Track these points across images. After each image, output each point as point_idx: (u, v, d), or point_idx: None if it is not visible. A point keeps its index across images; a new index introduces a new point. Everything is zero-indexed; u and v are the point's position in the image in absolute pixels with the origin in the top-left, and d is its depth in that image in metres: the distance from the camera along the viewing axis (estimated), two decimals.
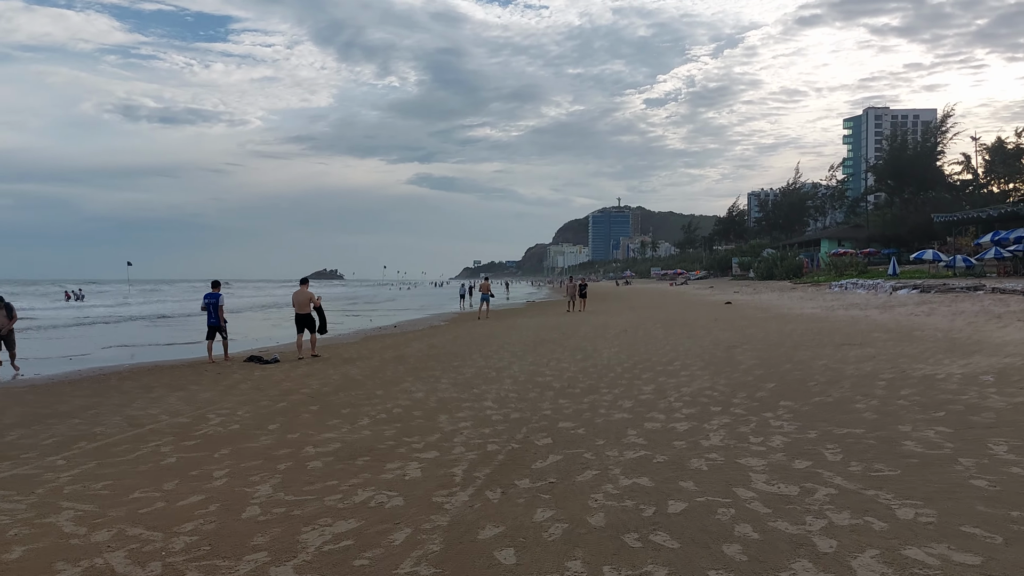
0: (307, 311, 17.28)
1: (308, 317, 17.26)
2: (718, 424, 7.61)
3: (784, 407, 8.39)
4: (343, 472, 6.38)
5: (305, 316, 17.26)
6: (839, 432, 6.97)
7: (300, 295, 17.49)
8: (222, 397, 11.30)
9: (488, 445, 7.15)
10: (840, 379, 10.31)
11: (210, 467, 6.80)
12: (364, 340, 22.44)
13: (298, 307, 17.42)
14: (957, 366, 10.96)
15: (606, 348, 16.51)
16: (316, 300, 17.51)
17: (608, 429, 7.62)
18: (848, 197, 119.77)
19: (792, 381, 10.33)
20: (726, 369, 11.93)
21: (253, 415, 9.54)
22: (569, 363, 13.89)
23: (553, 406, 9.17)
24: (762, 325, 21.30)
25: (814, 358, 12.83)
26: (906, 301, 27.52)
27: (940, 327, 17.43)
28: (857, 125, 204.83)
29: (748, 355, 13.79)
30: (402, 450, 7.12)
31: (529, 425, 8.03)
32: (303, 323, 17.27)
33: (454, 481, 5.91)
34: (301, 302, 17.38)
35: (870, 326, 19.02)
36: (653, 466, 6.06)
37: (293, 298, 17.78)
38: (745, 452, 6.38)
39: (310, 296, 17.47)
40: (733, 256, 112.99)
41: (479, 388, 11.03)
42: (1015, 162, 78.62)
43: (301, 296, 17.46)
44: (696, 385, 10.39)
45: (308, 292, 17.56)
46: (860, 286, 40.27)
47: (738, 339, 17.21)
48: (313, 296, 17.54)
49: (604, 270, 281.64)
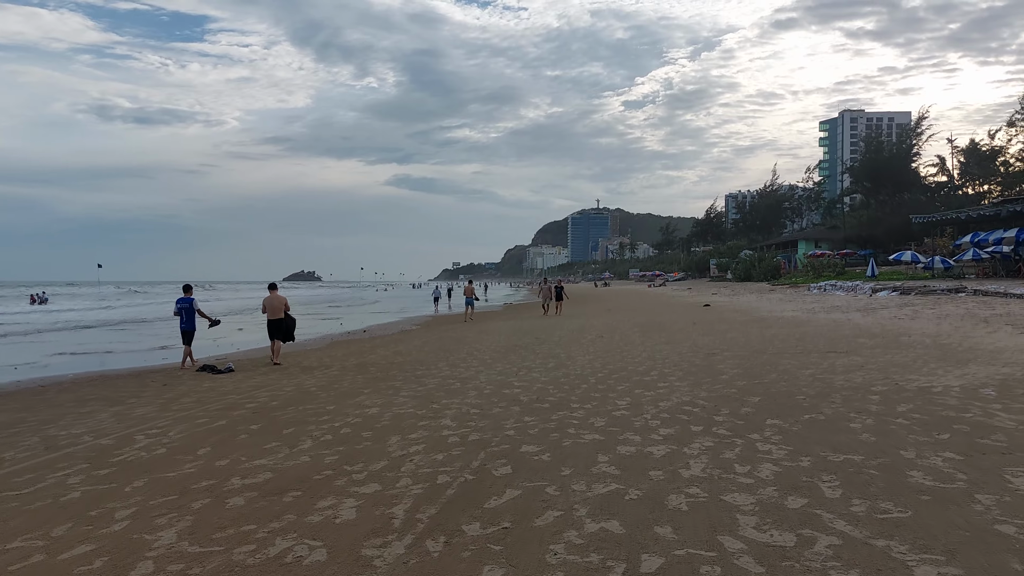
0: (280, 316, 16.71)
1: (282, 322, 16.71)
2: (699, 448, 6.78)
3: (772, 426, 7.58)
4: (265, 512, 5.46)
5: (279, 322, 16.69)
6: (835, 459, 6.16)
7: (274, 300, 16.89)
8: (159, 413, 10.32)
9: (439, 475, 6.26)
10: (830, 392, 9.54)
11: (115, 504, 5.85)
12: (329, 346, 21.45)
13: (271, 312, 16.79)
14: (953, 377, 10.24)
15: (581, 355, 15.68)
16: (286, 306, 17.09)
17: (576, 454, 6.76)
18: (824, 199, 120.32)
19: (778, 394, 9.54)
20: (707, 380, 11.13)
21: (186, 436, 8.58)
22: (540, 372, 13.04)
23: (518, 425, 8.30)
24: (742, 329, 20.59)
25: (800, 367, 12.07)
26: (887, 303, 27.01)
27: (927, 332, 16.80)
28: (833, 127, 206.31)
29: (729, 363, 13.01)
30: (340, 482, 6.22)
31: (488, 449, 7.15)
32: (277, 329, 16.65)
33: (392, 525, 5.02)
34: (275, 307, 16.80)
35: (854, 331, 18.36)
36: (625, 505, 5.21)
37: (265, 303, 17.08)
38: (731, 485, 5.55)
39: (284, 300, 16.95)
40: (711, 257, 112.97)
41: (440, 402, 10.13)
42: (990, 164, 79.08)
43: (275, 301, 16.87)
44: (675, 399, 9.57)
45: (282, 296, 17.05)
46: (839, 288, 39.86)
47: (718, 344, 16.46)
48: (287, 301, 17.06)
49: (583, 271, 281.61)
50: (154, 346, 23.85)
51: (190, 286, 16.98)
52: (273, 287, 17.69)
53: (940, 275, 41.14)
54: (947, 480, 5.44)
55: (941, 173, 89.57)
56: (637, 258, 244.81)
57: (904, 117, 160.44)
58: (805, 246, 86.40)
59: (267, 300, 17.07)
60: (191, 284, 17.20)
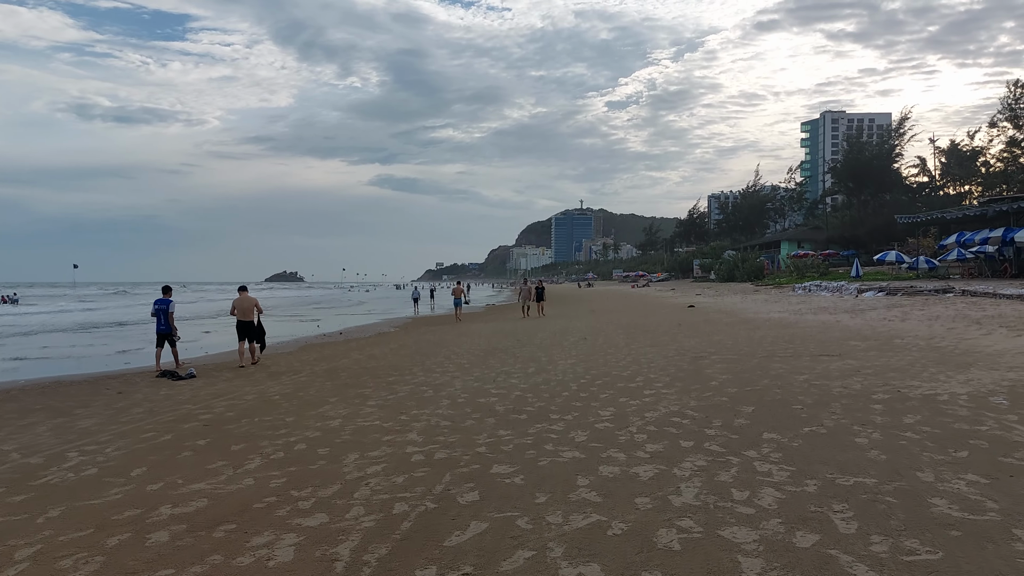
0: (251, 318, 16.48)
1: (251, 324, 16.47)
2: (691, 468, 6.06)
3: (770, 441, 6.87)
4: (189, 551, 4.67)
5: (249, 324, 16.45)
6: (845, 482, 5.46)
7: (244, 301, 16.59)
8: (103, 426, 9.47)
9: (396, 503, 5.50)
10: (828, 400, 8.87)
11: (18, 541, 5.04)
12: (301, 349, 20.60)
13: (241, 314, 16.49)
14: (957, 383, 9.61)
15: (563, 359, 14.95)
16: (261, 309, 16.99)
17: (554, 476, 6.02)
18: (807, 199, 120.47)
19: (773, 403, 8.85)
20: (695, 386, 10.43)
21: (124, 453, 7.76)
22: (520, 377, 12.29)
23: (491, 440, 7.55)
24: (729, 331, 19.96)
25: (792, 372, 11.41)
26: (875, 304, 26.51)
27: (920, 334, 16.23)
28: (814, 128, 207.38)
29: (718, 367, 12.33)
30: (283, 511, 5.44)
31: (456, 470, 6.39)
32: (246, 331, 16.39)
33: (333, 571, 4.25)
34: (245, 309, 16.51)
35: (844, 332, 17.77)
36: (608, 543, 4.46)
37: (235, 305, 16.70)
38: (729, 516, 4.83)
39: (255, 302, 16.75)
40: (694, 258, 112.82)
41: (409, 413, 9.35)
42: (971, 164, 79.30)
43: (245, 303, 16.58)
44: (662, 408, 8.86)
45: (253, 298, 16.81)
46: (824, 288, 39.44)
47: (705, 347, 15.79)
48: (258, 302, 16.88)
49: (567, 272, 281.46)
50: (121, 349, 22.90)
51: (169, 287, 16.59)
52: (243, 289, 17.29)
53: (925, 275, 40.84)
54: (976, 510, 4.75)
55: (922, 174, 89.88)
56: (621, 259, 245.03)
57: (884, 118, 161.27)
58: (788, 247, 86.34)
59: (237, 302, 16.71)
60: (170, 286, 16.76)
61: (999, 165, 75.24)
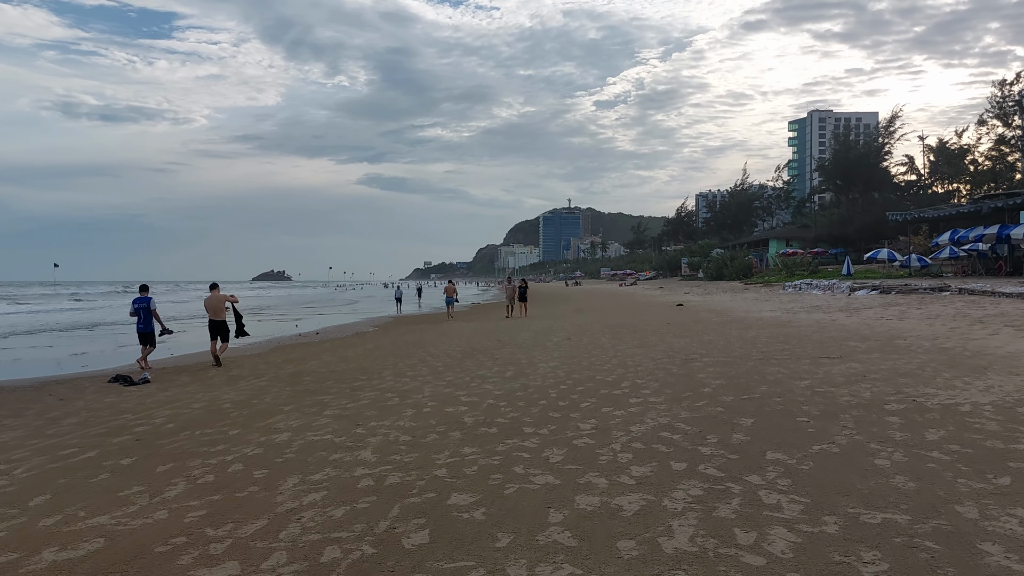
0: (222, 317, 16.23)
1: (223, 323, 16.20)
2: (684, 500, 5.09)
3: (775, 463, 5.93)
4: None
5: (220, 323, 16.17)
6: (872, 520, 4.51)
7: (214, 300, 16.26)
8: (24, 440, 8.42)
9: (328, 547, 4.50)
10: (836, 410, 7.94)
11: None
12: (273, 351, 19.52)
13: (212, 313, 16.20)
14: (976, 390, 8.70)
15: (544, 361, 14.00)
16: (232, 299, 16.72)
17: (521, 509, 5.05)
18: (795, 198, 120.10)
19: (774, 414, 7.91)
20: (687, 394, 9.49)
21: (34, 475, 6.73)
22: (495, 382, 11.32)
23: (454, 459, 6.56)
24: (720, 331, 19.06)
25: (792, 376, 10.48)
26: (870, 303, 25.71)
27: (922, 334, 15.38)
28: (802, 128, 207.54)
29: (711, 371, 11.40)
30: (187, 558, 4.43)
31: (407, 500, 5.40)
32: (218, 329, 16.11)
33: None
34: (215, 308, 16.21)
35: (842, 332, 16.90)
36: None
37: (206, 304, 16.42)
38: (733, 570, 3.87)
39: (226, 298, 16.49)
40: (682, 256, 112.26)
41: (367, 425, 8.36)
42: (959, 162, 78.98)
43: (215, 301, 16.25)
44: (650, 420, 7.90)
45: (222, 296, 16.45)
46: (815, 287, 38.70)
47: (696, 348, 14.88)
48: (228, 297, 16.65)
49: (555, 271, 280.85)
50: (79, 351, 21.75)
51: (147, 286, 16.02)
52: (215, 287, 16.81)
53: (917, 273, 40.17)
54: None
55: (910, 172, 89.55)
56: (609, 257, 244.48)
57: (871, 118, 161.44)
58: (776, 245, 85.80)
59: (208, 300, 16.38)
60: (148, 284, 16.23)
61: (987, 163, 75.01)
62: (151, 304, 15.19)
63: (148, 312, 15.07)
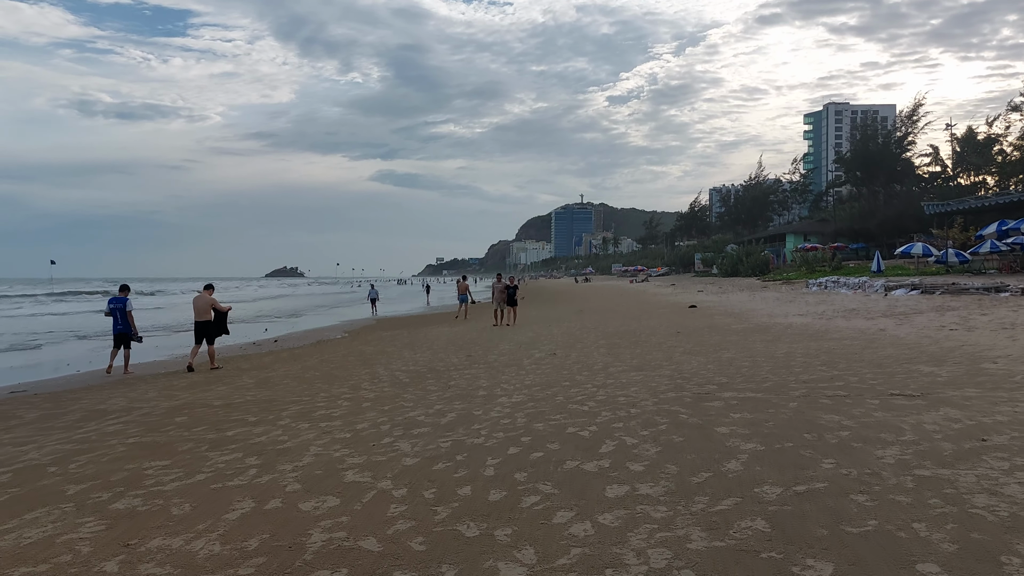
0: (207, 318, 15.48)
1: (208, 325, 15.45)
2: None
3: None
4: None
5: (205, 323, 15.43)
6: None
7: (201, 300, 15.55)
8: None
9: None
10: (983, 539, 4.29)
11: None
12: (261, 356, 16.07)
13: (197, 314, 15.50)
14: None
15: (508, 393, 10.43)
16: (223, 308, 15.81)
17: None
18: (811, 192, 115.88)
19: (861, 539, 4.28)
20: (701, 473, 5.86)
21: None
22: (421, 437, 7.74)
23: None
24: (743, 344, 15.41)
25: (865, 435, 6.81)
26: (915, 306, 21.92)
27: (1014, 354, 11.67)
28: (817, 121, 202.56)
29: (736, 420, 7.77)
30: None
31: None
32: (202, 331, 15.42)
33: None
34: (201, 308, 15.47)
35: (899, 349, 13.21)
36: None
37: (193, 303, 15.75)
38: None
39: (211, 303, 15.55)
40: (696, 252, 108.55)
41: (149, 542, 4.79)
42: (988, 151, 74.70)
43: (201, 302, 15.53)
44: (634, 562, 4.30)
45: (210, 298, 15.65)
46: (843, 285, 34.89)
47: (712, 373, 11.26)
48: (216, 303, 15.67)
49: (566, 267, 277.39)
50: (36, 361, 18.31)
51: (127, 286, 16.02)
52: (209, 287, 16.08)
53: (956, 270, 36.22)
54: None
55: (935, 163, 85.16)
56: (621, 253, 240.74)
57: (889, 110, 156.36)
58: (794, 240, 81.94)
59: (196, 300, 15.63)
60: (128, 285, 16.25)
61: (1016, 154, 70.70)
62: (127, 305, 15.15)
63: (124, 313, 15.01)
